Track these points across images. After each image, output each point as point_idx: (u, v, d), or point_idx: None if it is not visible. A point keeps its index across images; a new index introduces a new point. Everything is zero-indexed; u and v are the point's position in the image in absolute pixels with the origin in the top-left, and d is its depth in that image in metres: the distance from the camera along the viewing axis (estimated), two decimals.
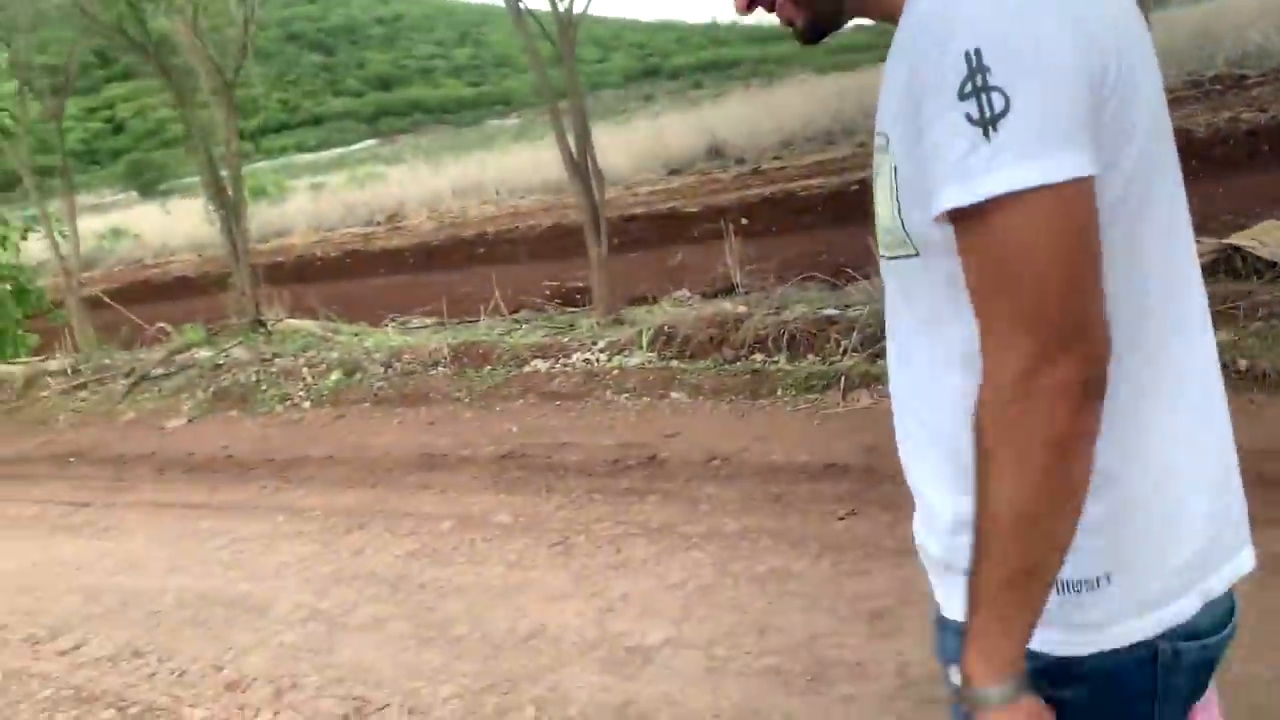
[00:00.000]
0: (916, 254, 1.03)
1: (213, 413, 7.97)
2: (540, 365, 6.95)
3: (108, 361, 10.09)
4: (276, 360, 8.34)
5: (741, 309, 6.39)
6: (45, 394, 9.69)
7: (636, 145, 22.38)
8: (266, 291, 9.56)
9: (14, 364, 11.33)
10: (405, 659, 3.54)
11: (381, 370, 7.69)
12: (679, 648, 3.26)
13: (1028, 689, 0.98)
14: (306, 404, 7.59)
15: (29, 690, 3.82)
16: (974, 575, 0.97)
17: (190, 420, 7.93)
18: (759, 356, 5.99)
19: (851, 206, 10.46)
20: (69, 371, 10.01)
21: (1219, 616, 1.06)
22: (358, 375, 7.75)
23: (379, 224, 24.00)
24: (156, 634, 4.10)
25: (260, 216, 26.51)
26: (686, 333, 6.33)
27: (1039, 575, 0.95)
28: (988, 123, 0.89)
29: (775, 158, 18.53)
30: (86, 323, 10.64)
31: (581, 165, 7.40)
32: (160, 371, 9.28)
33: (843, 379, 5.40)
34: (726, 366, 6.00)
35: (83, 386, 9.61)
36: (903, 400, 1.14)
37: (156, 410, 8.38)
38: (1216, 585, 1.05)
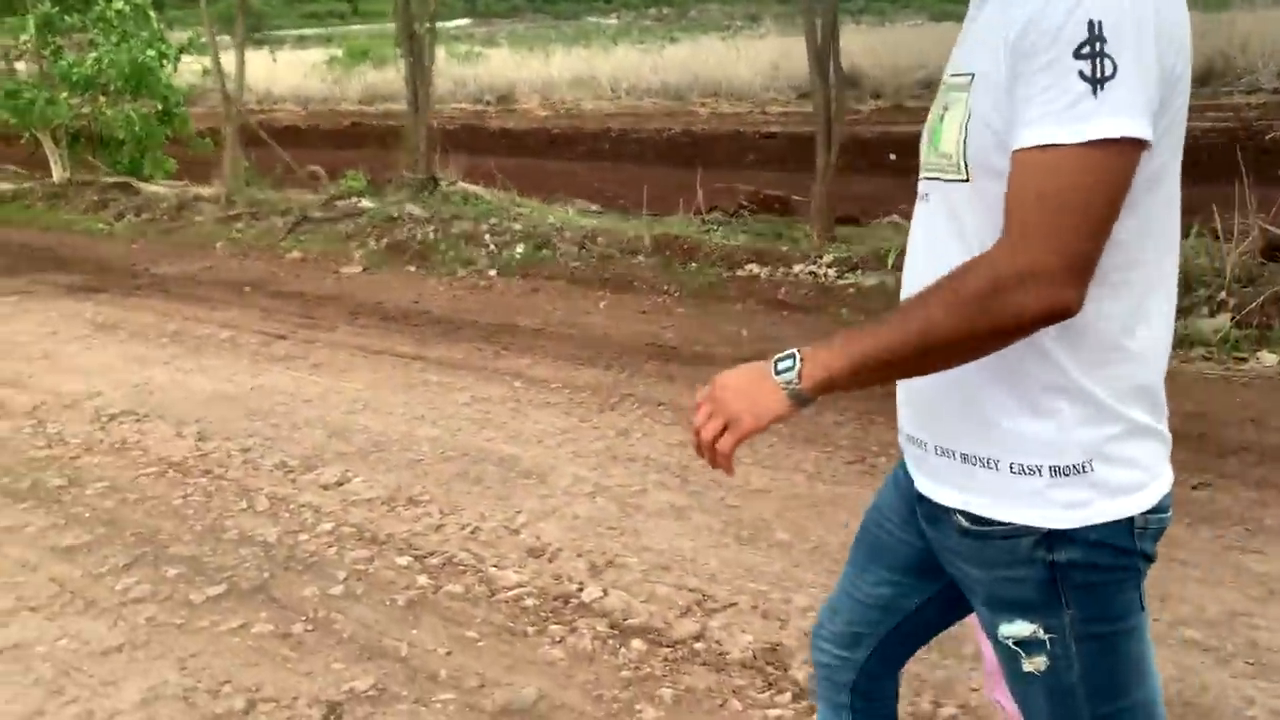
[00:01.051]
0: (967, 179, 1.20)
1: (387, 265, 7.66)
2: (757, 270, 6.55)
3: (261, 196, 9.80)
4: (455, 222, 7.99)
5: None
6: (199, 219, 9.44)
7: (746, 63, 21.45)
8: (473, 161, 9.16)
9: (162, 185, 11.11)
10: (730, 556, 3.22)
11: (575, 250, 7.32)
12: None
13: (801, 403, 1.23)
14: (493, 271, 7.25)
15: (304, 521, 3.55)
16: (874, 326, 1.19)
17: (365, 269, 7.63)
18: None
19: None
20: (222, 201, 9.73)
21: (1170, 493, 1.28)
22: (546, 250, 7.39)
23: (488, 103, 23.47)
24: (427, 484, 3.81)
25: (365, 79, 26.14)
26: None
27: (895, 368, 1.20)
28: (1097, 81, 1.07)
29: (914, 96, 17.64)
30: (239, 154, 10.31)
31: (824, 66, 6.90)
32: (320, 215, 8.98)
33: None
34: None
35: (237, 218, 9.33)
36: None
37: (325, 253, 8.09)
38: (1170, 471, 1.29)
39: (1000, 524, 1.25)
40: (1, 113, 10.46)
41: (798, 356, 1.21)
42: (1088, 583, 1.24)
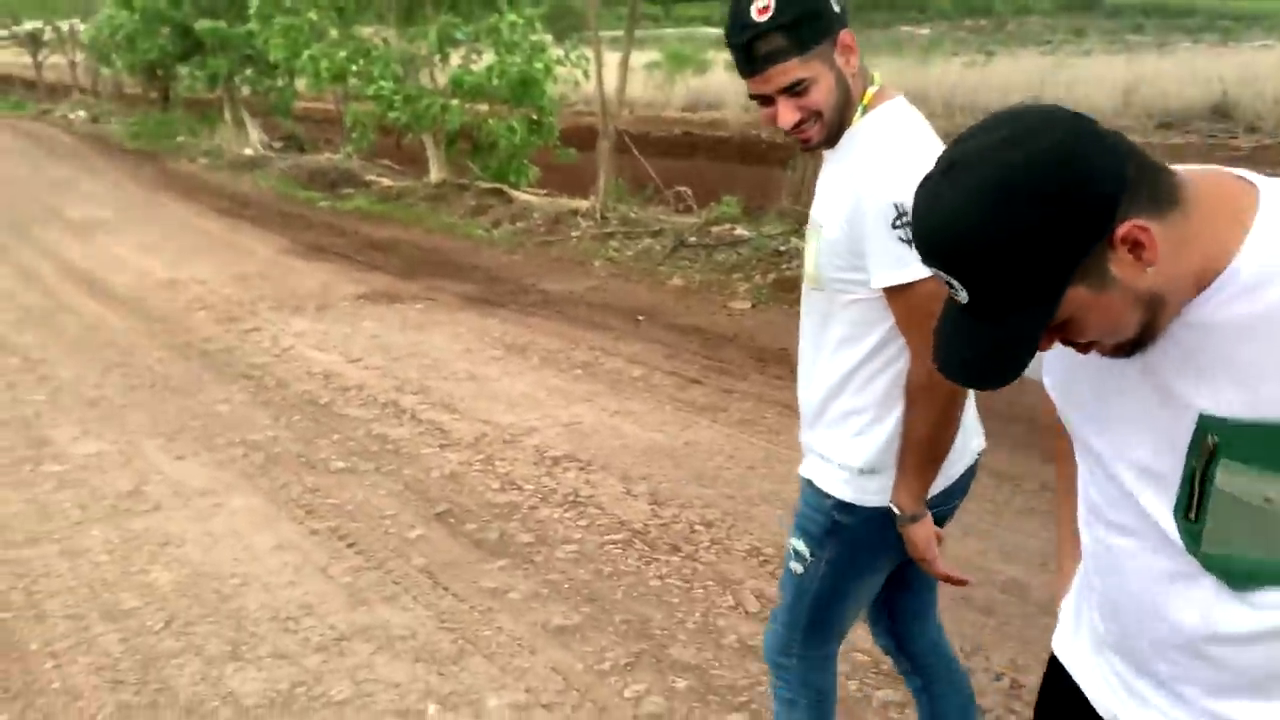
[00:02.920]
0: (823, 290, 1.83)
1: (776, 302, 7.31)
2: None
3: (633, 215, 9.77)
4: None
5: None
6: (575, 234, 9.51)
7: (1089, 85, 19.75)
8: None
9: (532, 194, 11.38)
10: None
11: None
12: None
13: (925, 512, 1.84)
14: None
15: None
16: (905, 458, 1.80)
17: (754, 305, 7.32)
18: None
19: None
20: (597, 217, 9.78)
21: (935, 497, 1.87)
22: None
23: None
24: None
25: (688, 84, 26.34)
26: None
27: (936, 460, 1.81)
28: (909, 242, 1.63)
29: None
30: (613, 168, 10.34)
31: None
32: (695, 241, 8.79)
33: None
34: None
35: (611, 236, 9.32)
36: (809, 371, 1.94)
37: (708, 284, 7.85)
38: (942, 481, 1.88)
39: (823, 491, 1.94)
40: (401, 114, 10.98)
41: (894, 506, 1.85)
42: (850, 539, 1.92)
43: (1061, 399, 1.27)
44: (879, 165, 1.70)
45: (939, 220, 1.04)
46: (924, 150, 1.71)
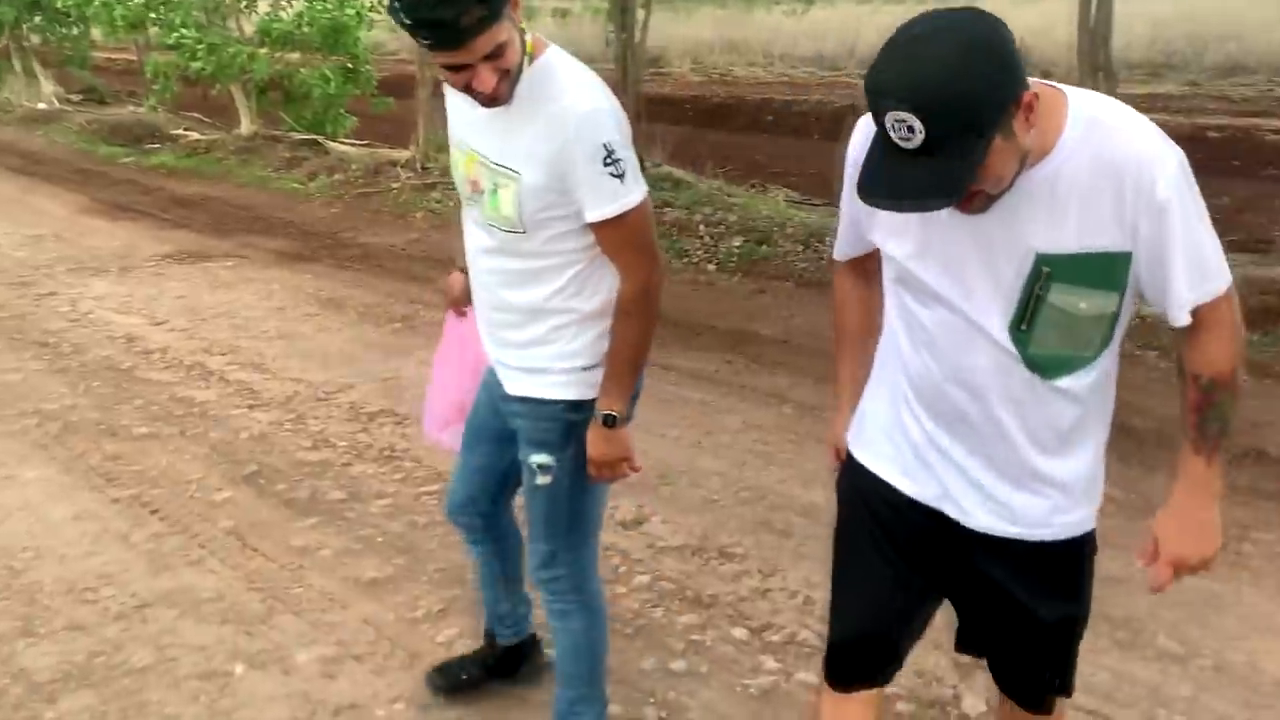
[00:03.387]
0: (524, 232, 1.96)
1: None
2: None
3: None
4: (667, 210, 7.66)
5: None
6: (395, 186, 9.32)
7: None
8: (647, 129, 8.79)
9: (349, 144, 11.06)
10: (1116, 666, 2.82)
11: (799, 248, 6.92)
12: None
13: (632, 415, 2.13)
14: (711, 266, 6.92)
15: (616, 570, 3.27)
16: (612, 368, 2.04)
17: None
18: None
19: None
20: (419, 168, 9.60)
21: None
22: (766, 247, 7.01)
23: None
24: (732, 531, 3.50)
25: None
26: None
27: (640, 367, 2.07)
28: (620, 176, 1.88)
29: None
30: (431, 119, 10.12)
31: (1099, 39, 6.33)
32: None
33: None
34: None
35: (433, 187, 9.18)
36: (506, 302, 2.08)
37: None
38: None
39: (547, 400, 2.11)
40: (204, 64, 10.46)
41: (611, 413, 2.07)
42: (585, 434, 2.08)
43: (915, 260, 1.60)
44: (578, 112, 1.86)
45: (921, 73, 1.31)
46: (602, 89, 1.92)
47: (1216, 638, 2.94)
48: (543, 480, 2.13)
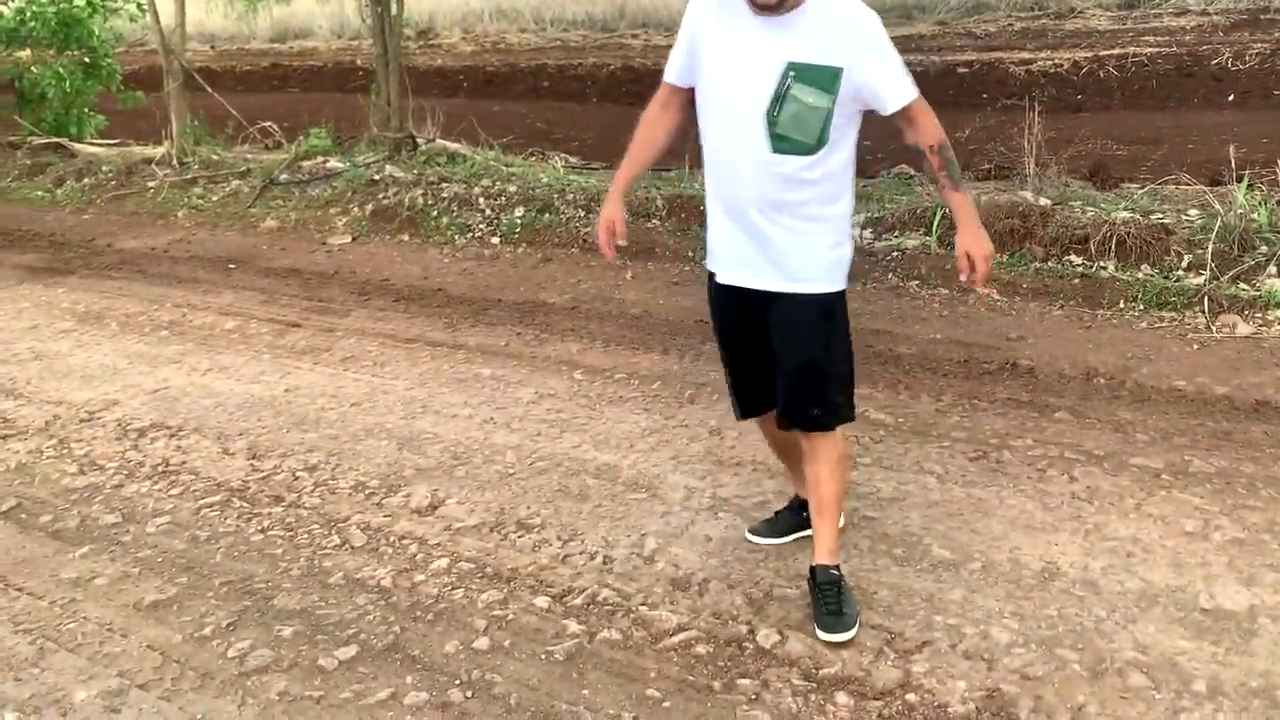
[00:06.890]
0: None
1: (377, 234, 7.20)
2: None
3: (215, 157, 9.16)
4: (445, 185, 7.53)
5: (1044, 201, 5.75)
6: (152, 185, 8.77)
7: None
8: (416, 104, 8.58)
9: (98, 145, 10.33)
10: (895, 581, 2.99)
11: (580, 213, 6.95)
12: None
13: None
14: (495, 239, 6.86)
15: (412, 557, 3.23)
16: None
17: (355, 239, 7.15)
18: (1076, 259, 5.39)
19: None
20: (174, 164, 9.06)
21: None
22: (548, 215, 7.00)
23: (408, 38, 22.58)
24: (530, 503, 3.51)
25: (271, 14, 24.82)
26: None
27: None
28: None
29: None
30: (186, 109, 9.55)
31: None
32: (287, 178, 8.41)
33: (1205, 299, 4.85)
34: (1040, 266, 5.40)
35: (193, 183, 8.70)
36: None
37: (304, 222, 7.58)
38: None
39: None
40: None
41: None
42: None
43: (706, 71, 2.62)
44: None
45: None
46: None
47: (983, 541, 3.16)
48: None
